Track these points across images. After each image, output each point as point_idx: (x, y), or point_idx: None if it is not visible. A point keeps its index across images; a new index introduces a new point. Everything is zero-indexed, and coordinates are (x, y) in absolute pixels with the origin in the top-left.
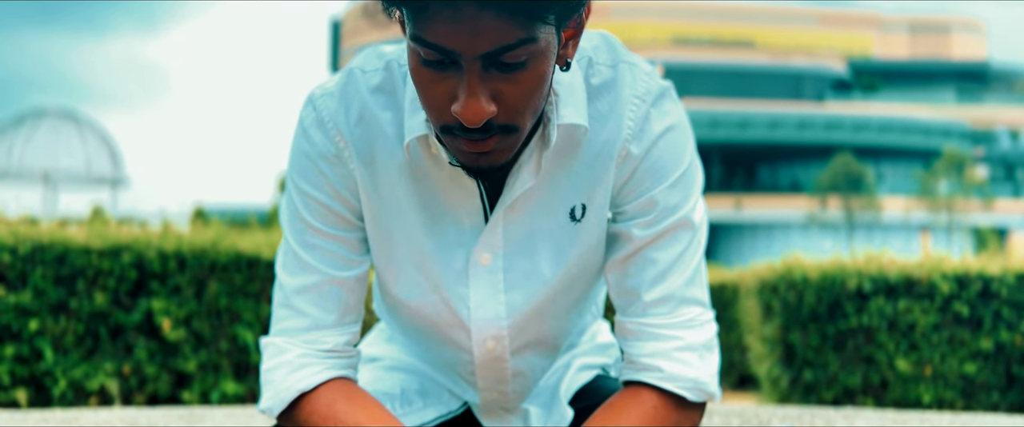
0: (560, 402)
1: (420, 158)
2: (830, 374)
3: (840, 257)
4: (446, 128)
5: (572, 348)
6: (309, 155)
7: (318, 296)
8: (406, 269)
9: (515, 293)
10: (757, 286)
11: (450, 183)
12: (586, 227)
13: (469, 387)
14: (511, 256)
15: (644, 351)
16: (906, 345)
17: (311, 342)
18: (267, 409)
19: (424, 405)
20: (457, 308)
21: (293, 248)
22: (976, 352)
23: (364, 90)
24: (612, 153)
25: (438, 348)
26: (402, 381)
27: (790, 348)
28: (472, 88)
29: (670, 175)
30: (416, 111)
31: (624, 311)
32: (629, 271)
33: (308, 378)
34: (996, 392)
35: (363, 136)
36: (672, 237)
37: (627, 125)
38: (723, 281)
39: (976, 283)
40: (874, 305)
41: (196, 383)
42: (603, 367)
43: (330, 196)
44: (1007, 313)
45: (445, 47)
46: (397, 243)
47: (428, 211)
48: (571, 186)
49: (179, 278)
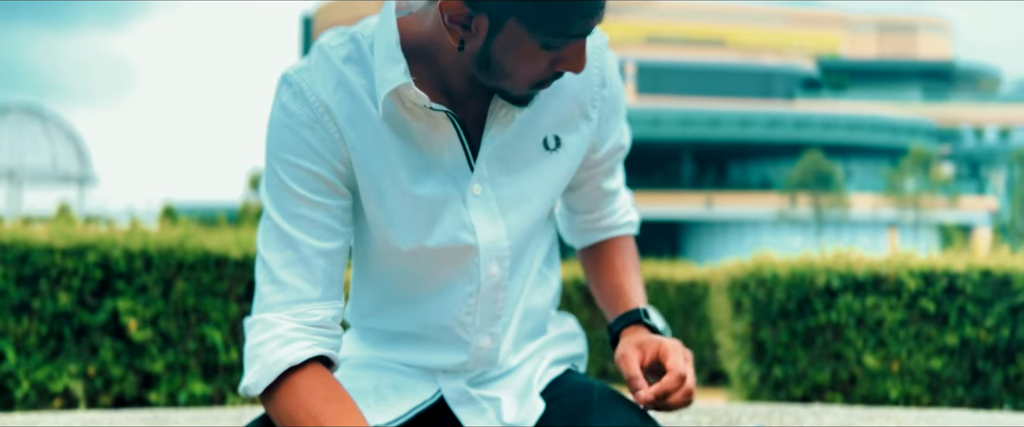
0: (532, 393)
1: (395, 112)
2: (799, 370)
3: (809, 254)
4: (539, 83)
5: (542, 335)
6: (290, 126)
7: (304, 269)
8: (405, 217)
9: (510, 216)
10: (727, 283)
11: (428, 130)
12: (560, 157)
13: (456, 346)
14: (498, 184)
15: (621, 213)
16: (874, 341)
17: (299, 315)
18: (251, 385)
19: (398, 398)
20: (463, 237)
21: (277, 223)
22: (942, 348)
23: (336, 61)
24: (587, 98)
25: (436, 299)
26: (375, 378)
27: (760, 345)
28: (584, 51)
29: (622, 109)
30: (387, 71)
31: (594, 206)
32: (599, 187)
33: (298, 352)
34: (961, 387)
35: (343, 100)
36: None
37: (595, 73)
38: (693, 278)
39: (942, 280)
40: (842, 302)
41: (163, 384)
42: (573, 361)
43: (316, 162)
44: (972, 309)
45: (584, 32)
46: (391, 194)
47: (412, 159)
48: (543, 119)
49: (145, 277)
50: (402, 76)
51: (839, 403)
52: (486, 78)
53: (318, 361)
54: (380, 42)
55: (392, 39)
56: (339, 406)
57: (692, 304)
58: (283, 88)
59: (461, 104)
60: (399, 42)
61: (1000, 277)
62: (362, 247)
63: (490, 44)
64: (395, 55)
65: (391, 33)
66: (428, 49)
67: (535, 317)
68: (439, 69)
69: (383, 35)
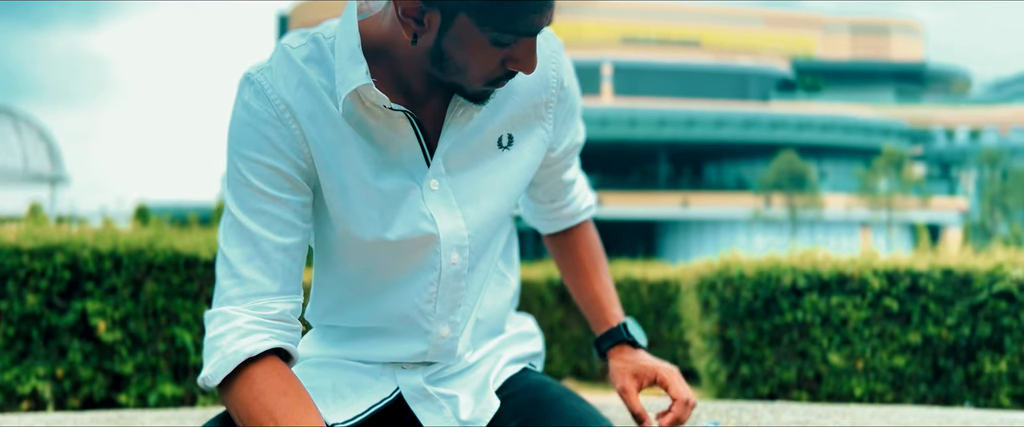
0: (488, 391)
1: (355, 111)
2: (766, 369)
3: (776, 254)
4: (492, 81)
5: (500, 333)
6: (252, 123)
7: (263, 263)
8: (367, 210)
9: (467, 208)
10: (696, 283)
11: (386, 129)
12: (513, 156)
13: (416, 336)
14: (455, 180)
15: (579, 199)
16: (839, 339)
17: (258, 308)
18: (209, 376)
19: (357, 397)
20: (424, 226)
21: (238, 219)
22: (905, 345)
23: (298, 60)
24: (543, 99)
25: (397, 290)
26: (333, 376)
27: (727, 343)
28: (535, 50)
29: (578, 109)
30: (348, 71)
31: (555, 196)
32: (559, 179)
33: (255, 344)
34: (924, 384)
35: (304, 98)
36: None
37: (552, 75)
38: (666, 277)
39: (905, 279)
40: (808, 301)
41: (132, 385)
42: (530, 360)
43: (277, 158)
44: (934, 308)
45: (534, 30)
46: (353, 188)
47: (372, 155)
48: (498, 117)
49: (115, 278)
50: (363, 77)
51: (805, 401)
52: (440, 73)
53: (276, 355)
54: (341, 43)
55: (353, 40)
56: (294, 400)
57: (664, 303)
58: (245, 87)
59: (420, 104)
60: (360, 43)
61: (961, 276)
62: (324, 244)
63: (442, 39)
64: (356, 56)
65: (352, 34)
66: (387, 49)
67: (494, 316)
68: (398, 69)
69: (344, 36)
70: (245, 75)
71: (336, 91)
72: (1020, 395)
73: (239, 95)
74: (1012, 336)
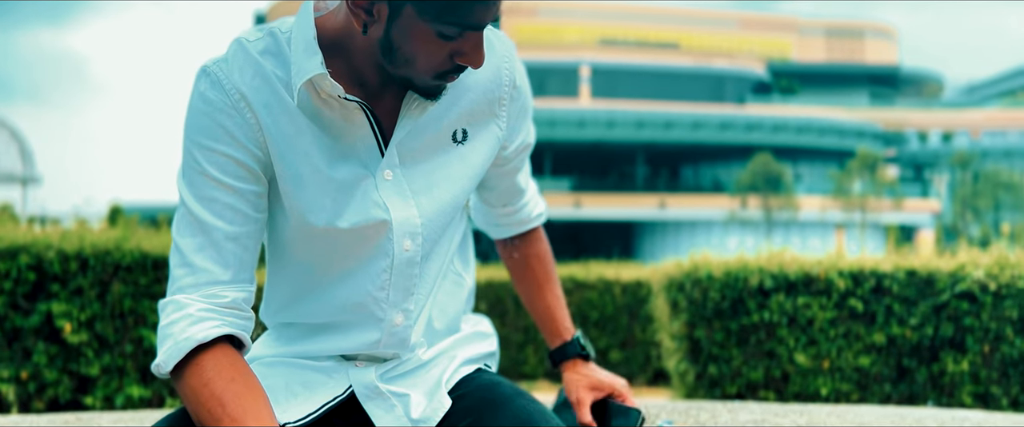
0: (441, 390)
1: (311, 103)
2: (734, 368)
3: (744, 255)
4: (440, 75)
5: (456, 332)
6: (208, 113)
7: (215, 252)
8: (320, 198)
9: (421, 198)
10: (665, 283)
11: (342, 119)
12: (467, 150)
13: (370, 324)
14: (409, 171)
15: (531, 205)
16: (805, 339)
17: (210, 296)
18: (161, 363)
19: (309, 395)
20: (377, 213)
21: (191, 208)
22: (870, 345)
23: (254, 53)
24: (497, 97)
25: (350, 278)
26: (285, 375)
27: (696, 343)
28: (482, 45)
29: (529, 110)
30: (304, 62)
31: (508, 200)
32: (512, 182)
33: (207, 330)
34: (888, 383)
35: (260, 88)
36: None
37: (505, 75)
38: (639, 278)
39: (870, 280)
40: (775, 301)
41: (99, 388)
42: (484, 360)
43: (232, 146)
44: (898, 308)
45: (478, 23)
46: (307, 177)
47: (327, 146)
48: (452, 112)
49: (81, 280)
50: (318, 67)
51: (772, 400)
52: (391, 66)
53: (228, 342)
54: (297, 36)
55: (309, 33)
56: (242, 386)
57: (638, 304)
58: (202, 78)
59: (375, 97)
60: (316, 37)
61: (924, 277)
62: (278, 238)
63: (390, 30)
64: (312, 47)
65: (308, 28)
66: (342, 43)
67: (449, 315)
68: (353, 63)
69: (300, 30)
70: (202, 67)
71: (292, 82)
72: (982, 394)
73: (195, 86)
74: (974, 336)
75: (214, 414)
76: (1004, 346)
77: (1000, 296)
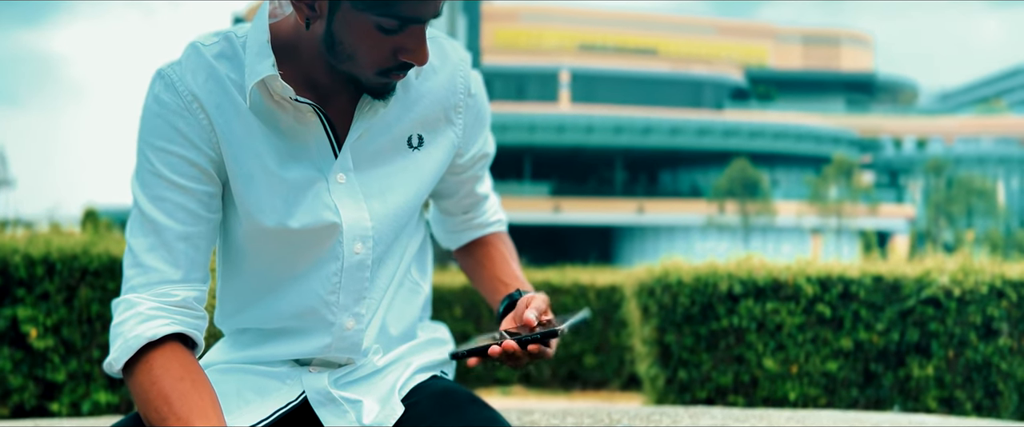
0: (394, 397)
1: (264, 104)
2: (703, 373)
3: (714, 261)
4: (384, 71)
5: (412, 339)
6: (161, 115)
7: (166, 252)
8: (271, 199)
9: (373, 202)
10: (636, 289)
11: (295, 122)
12: (422, 156)
13: (321, 328)
14: (363, 175)
15: (490, 213)
16: (773, 345)
17: (161, 295)
18: (112, 361)
19: (261, 401)
20: (327, 216)
21: (143, 209)
22: (837, 351)
23: (208, 56)
24: (452, 103)
25: (301, 282)
26: (238, 381)
27: (666, 348)
28: (424, 40)
29: (486, 120)
30: (256, 64)
31: (467, 209)
32: (471, 190)
33: (155, 328)
34: (855, 388)
35: (213, 90)
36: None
37: (460, 82)
38: (614, 283)
39: (837, 285)
40: (744, 307)
41: (65, 394)
42: (440, 368)
43: (185, 147)
44: (865, 313)
45: (418, 17)
46: (259, 177)
47: (280, 147)
48: (408, 117)
49: (47, 284)
50: (269, 68)
51: (741, 405)
52: (335, 61)
53: (179, 342)
54: (252, 40)
55: (263, 37)
56: (190, 385)
57: (612, 309)
58: (156, 81)
59: (329, 100)
60: (269, 40)
61: (891, 283)
62: (230, 240)
63: (332, 23)
64: (264, 50)
65: (262, 32)
66: (295, 45)
67: (405, 322)
68: (305, 65)
69: (255, 33)
70: (157, 71)
71: (245, 83)
72: (946, 399)
73: (150, 89)
74: (939, 341)
75: (160, 413)
76: (968, 351)
77: (964, 302)
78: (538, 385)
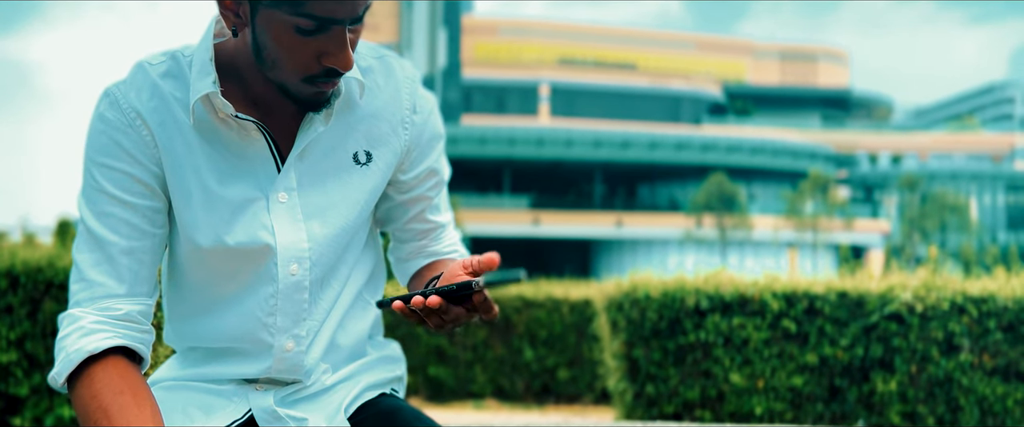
0: (340, 416)
1: (207, 120)
2: (671, 388)
3: (683, 276)
4: (310, 78)
5: (362, 357)
6: (106, 132)
7: (110, 267)
8: (208, 216)
9: (312, 222)
10: (605, 303)
11: (239, 139)
12: (369, 172)
13: (261, 350)
14: (305, 193)
15: (447, 243)
16: (740, 359)
17: (104, 309)
18: (55, 375)
19: (206, 419)
20: (262, 237)
21: (89, 226)
22: (803, 366)
23: (153, 76)
24: (398, 119)
25: (239, 303)
26: (183, 399)
27: (634, 363)
28: (346, 44)
29: (440, 141)
30: (198, 81)
31: (421, 235)
32: (425, 218)
33: (98, 342)
34: (821, 403)
35: (157, 108)
36: (443, 191)
37: (405, 98)
38: (587, 297)
39: (803, 301)
40: (710, 322)
41: (28, 408)
42: (391, 385)
43: (129, 163)
44: (830, 329)
45: (333, 17)
46: (196, 194)
47: (222, 164)
48: (354, 135)
49: (11, 298)
50: (210, 85)
51: (708, 420)
52: (263, 68)
53: (122, 355)
54: (196, 58)
55: (206, 56)
56: (130, 398)
57: (585, 323)
58: (102, 100)
59: (274, 118)
60: (213, 58)
61: (855, 299)
62: (172, 257)
63: (255, 30)
64: (206, 68)
65: (206, 50)
66: (237, 64)
67: (354, 340)
68: (249, 82)
69: (199, 52)
70: (104, 90)
71: (188, 100)
72: (909, 413)
73: (96, 108)
74: (902, 356)
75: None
76: (930, 366)
77: (926, 318)
78: (511, 399)
